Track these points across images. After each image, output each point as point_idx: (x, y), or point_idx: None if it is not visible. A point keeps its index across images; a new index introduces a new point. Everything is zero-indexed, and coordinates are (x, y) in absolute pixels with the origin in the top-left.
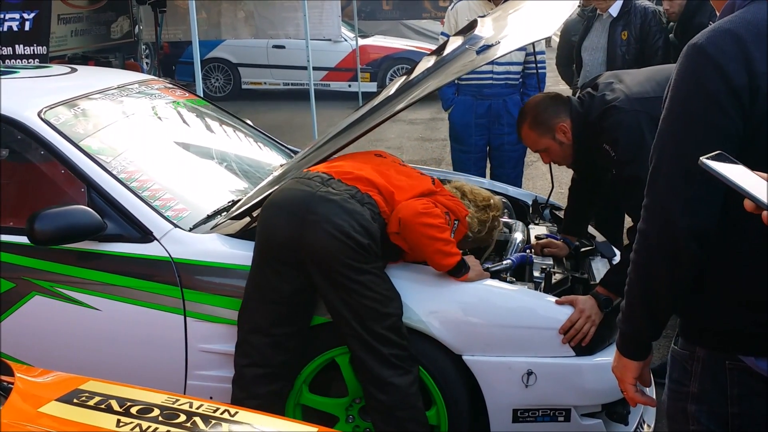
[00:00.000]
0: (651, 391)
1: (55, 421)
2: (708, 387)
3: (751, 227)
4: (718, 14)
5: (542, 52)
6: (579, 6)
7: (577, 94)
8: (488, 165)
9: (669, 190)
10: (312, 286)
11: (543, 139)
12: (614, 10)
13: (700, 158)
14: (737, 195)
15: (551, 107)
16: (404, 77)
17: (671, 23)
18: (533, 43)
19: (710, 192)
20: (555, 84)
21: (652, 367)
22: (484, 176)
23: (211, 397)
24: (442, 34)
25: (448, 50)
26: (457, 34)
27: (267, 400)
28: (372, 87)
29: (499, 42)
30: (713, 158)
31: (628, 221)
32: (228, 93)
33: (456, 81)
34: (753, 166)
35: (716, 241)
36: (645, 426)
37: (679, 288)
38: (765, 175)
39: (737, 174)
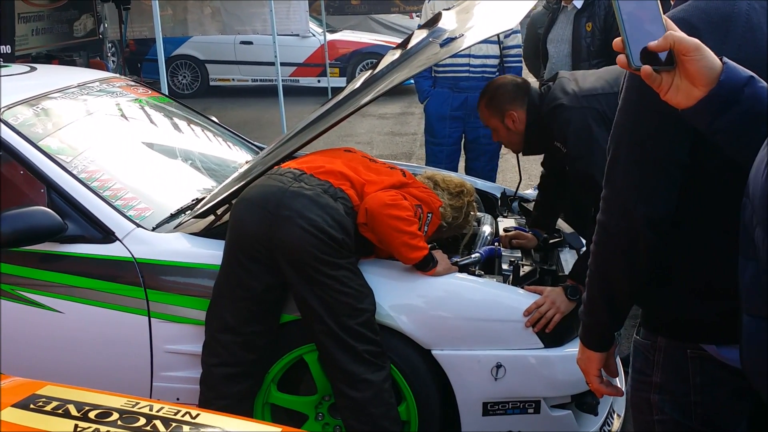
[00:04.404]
0: (620, 381)
1: (11, 428)
2: (670, 376)
3: (711, 216)
4: (672, 4)
5: (519, 46)
6: None
7: (540, 88)
8: (463, 158)
9: (625, 179)
10: (283, 283)
11: (493, 119)
12: (578, 2)
13: None
14: (696, 185)
15: (510, 93)
16: (370, 71)
17: None
18: (499, 36)
19: (667, 180)
20: (526, 77)
21: (622, 357)
22: (456, 170)
23: (177, 398)
24: (419, 27)
25: (412, 43)
26: (421, 27)
27: (236, 400)
28: (341, 82)
29: (463, 35)
30: None
31: None
32: (196, 90)
33: (433, 73)
34: (710, 155)
35: (676, 230)
36: (615, 416)
37: (637, 277)
38: (680, 33)
39: (637, 9)
